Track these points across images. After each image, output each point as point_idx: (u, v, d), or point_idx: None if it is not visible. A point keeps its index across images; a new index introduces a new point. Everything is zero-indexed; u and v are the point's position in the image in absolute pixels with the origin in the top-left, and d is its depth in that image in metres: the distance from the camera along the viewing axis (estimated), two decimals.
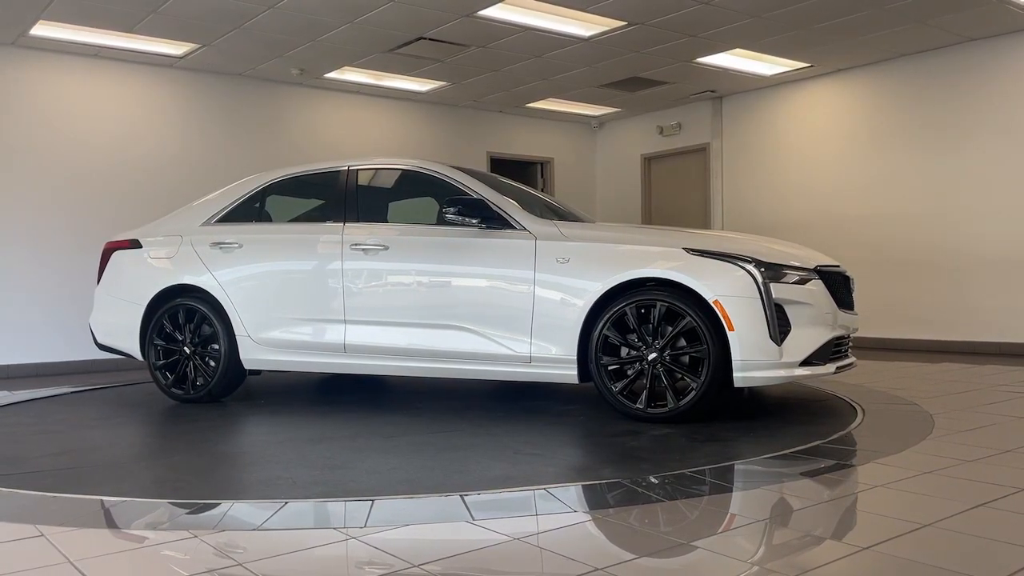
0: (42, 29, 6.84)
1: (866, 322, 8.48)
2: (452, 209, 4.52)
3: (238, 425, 4.46)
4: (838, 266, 4.52)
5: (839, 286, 4.41)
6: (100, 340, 5.61)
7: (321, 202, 5.30)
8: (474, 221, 4.54)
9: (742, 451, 3.56)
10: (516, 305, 4.41)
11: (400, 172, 5.15)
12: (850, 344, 4.62)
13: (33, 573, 2.17)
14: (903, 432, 3.89)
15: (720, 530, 2.44)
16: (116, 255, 5.57)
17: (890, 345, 8.36)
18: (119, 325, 5.45)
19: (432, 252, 4.66)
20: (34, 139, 7.38)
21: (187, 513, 2.74)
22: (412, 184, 5.23)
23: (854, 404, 4.71)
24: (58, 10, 6.40)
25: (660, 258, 4.17)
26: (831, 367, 4.26)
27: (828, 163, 8.97)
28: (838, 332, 4.30)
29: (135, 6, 6.32)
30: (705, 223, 10.14)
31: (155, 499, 2.94)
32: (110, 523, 2.69)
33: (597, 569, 2.12)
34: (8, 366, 7.19)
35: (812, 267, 4.29)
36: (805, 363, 4.10)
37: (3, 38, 7.06)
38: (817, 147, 9.07)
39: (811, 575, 2.04)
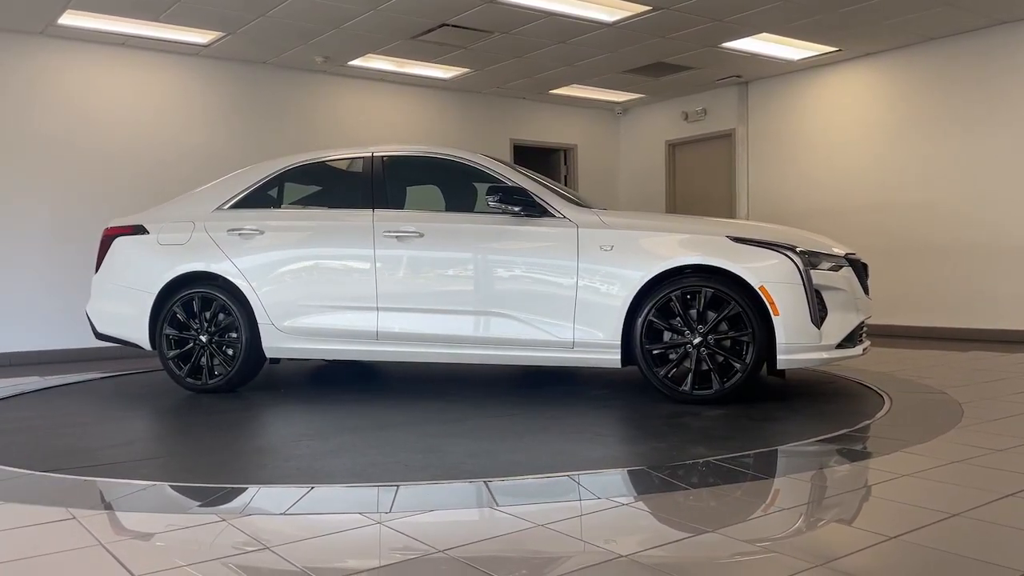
0: (70, 18, 6.91)
1: (893, 310, 8.39)
2: (494, 197, 4.56)
3: (286, 414, 4.45)
4: (854, 254, 4.69)
5: (858, 272, 4.61)
6: (100, 330, 5.38)
7: (344, 188, 5.28)
8: (516, 209, 4.58)
9: (801, 432, 3.67)
10: (559, 292, 4.48)
11: (429, 159, 5.11)
12: (866, 328, 4.74)
13: (65, 555, 2.20)
14: (931, 421, 3.85)
15: (748, 518, 2.43)
16: (119, 241, 5.35)
17: (916, 333, 8.26)
18: (124, 314, 5.24)
19: (472, 239, 4.68)
20: (61, 127, 7.46)
21: (215, 498, 2.77)
22: (441, 172, 5.23)
23: (881, 392, 4.67)
24: None
25: (705, 246, 4.31)
26: (859, 349, 4.49)
27: (856, 149, 8.85)
28: (863, 316, 4.51)
29: None
30: (730, 210, 10.06)
31: (188, 483, 2.98)
32: (146, 507, 2.73)
33: (620, 556, 2.12)
34: (39, 351, 7.31)
35: (842, 255, 4.51)
36: (839, 345, 4.32)
37: (32, 27, 7.14)
38: (844, 133, 8.96)
39: (838, 563, 2.03)
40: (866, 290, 4.64)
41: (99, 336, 5.43)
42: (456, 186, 5.29)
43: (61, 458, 3.41)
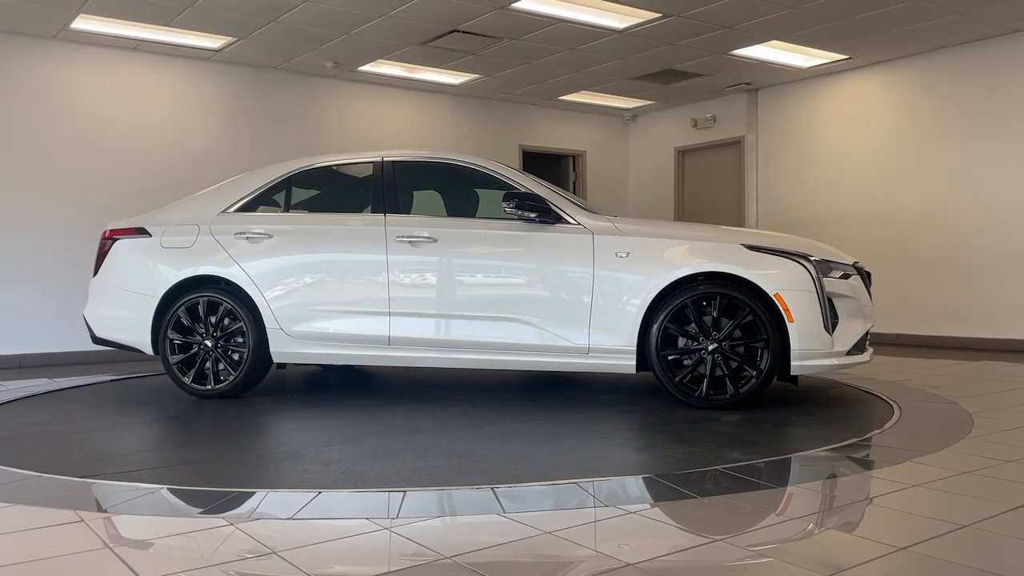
0: (83, 23, 6.95)
1: (903, 319, 8.36)
2: (509, 203, 4.59)
3: (304, 419, 4.38)
4: (859, 262, 4.77)
5: (864, 280, 4.69)
6: (99, 334, 5.30)
7: (353, 193, 5.27)
8: (531, 215, 4.61)
9: (821, 437, 3.70)
10: (575, 298, 4.52)
11: (441, 165, 5.10)
12: (869, 336, 4.81)
13: (73, 558, 2.21)
14: (941, 431, 3.83)
15: (755, 527, 2.42)
16: (120, 244, 5.26)
17: (927, 342, 8.23)
18: (125, 318, 5.16)
19: (486, 245, 4.70)
20: (72, 131, 7.51)
21: (222, 501, 2.78)
22: (453, 178, 5.23)
23: (891, 401, 4.65)
24: (98, 4, 6.49)
25: (721, 253, 4.37)
26: (867, 356, 4.58)
27: (866, 157, 8.83)
28: (870, 323, 4.60)
29: (173, 0, 6.39)
30: (739, 217, 10.05)
31: (197, 487, 2.99)
32: (154, 510, 2.73)
33: (628, 564, 2.11)
34: (47, 354, 7.34)
35: (851, 263, 4.60)
36: (849, 352, 4.41)
37: (45, 31, 7.19)
38: (855, 141, 8.94)
39: (847, 573, 2.02)
40: (870, 296, 4.71)
41: (96, 340, 5.35)
42: (468, 192, 5.30)
43: (88, 464, 3.38)
